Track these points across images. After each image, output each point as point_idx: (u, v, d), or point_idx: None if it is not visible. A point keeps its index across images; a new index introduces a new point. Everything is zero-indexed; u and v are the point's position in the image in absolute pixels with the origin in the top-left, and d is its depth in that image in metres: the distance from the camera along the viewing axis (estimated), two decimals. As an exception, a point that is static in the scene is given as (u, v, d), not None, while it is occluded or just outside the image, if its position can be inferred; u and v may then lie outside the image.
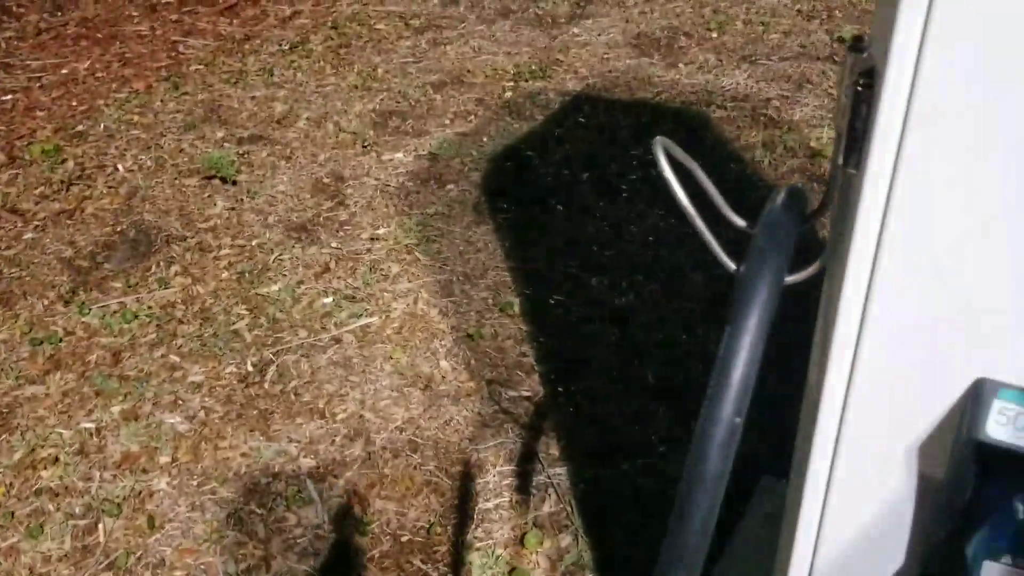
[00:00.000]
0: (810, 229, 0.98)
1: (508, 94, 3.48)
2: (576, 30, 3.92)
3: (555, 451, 2.04)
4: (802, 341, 1.12)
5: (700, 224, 0.89)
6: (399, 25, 4.06)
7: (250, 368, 2.25)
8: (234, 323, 2.39)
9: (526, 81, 3.55)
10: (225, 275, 2.56)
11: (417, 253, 2.64)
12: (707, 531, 0.84)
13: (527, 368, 2.25)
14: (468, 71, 3.65)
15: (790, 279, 0.87)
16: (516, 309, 2.43)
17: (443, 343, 2.31)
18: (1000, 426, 0.76)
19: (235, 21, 4.17)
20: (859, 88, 0.78)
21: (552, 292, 2.50)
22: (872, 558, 0.93)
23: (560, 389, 2.19)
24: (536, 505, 1.92)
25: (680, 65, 3.56)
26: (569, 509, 1.90)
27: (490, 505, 1.92)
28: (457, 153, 3.11)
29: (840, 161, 0.81)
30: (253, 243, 2.69)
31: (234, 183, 2.97)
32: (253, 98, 3.50)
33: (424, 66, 3.71)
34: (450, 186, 2.94)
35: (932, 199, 0.75)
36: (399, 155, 3.12)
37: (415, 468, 2.00)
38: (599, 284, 2.51)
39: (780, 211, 0.90)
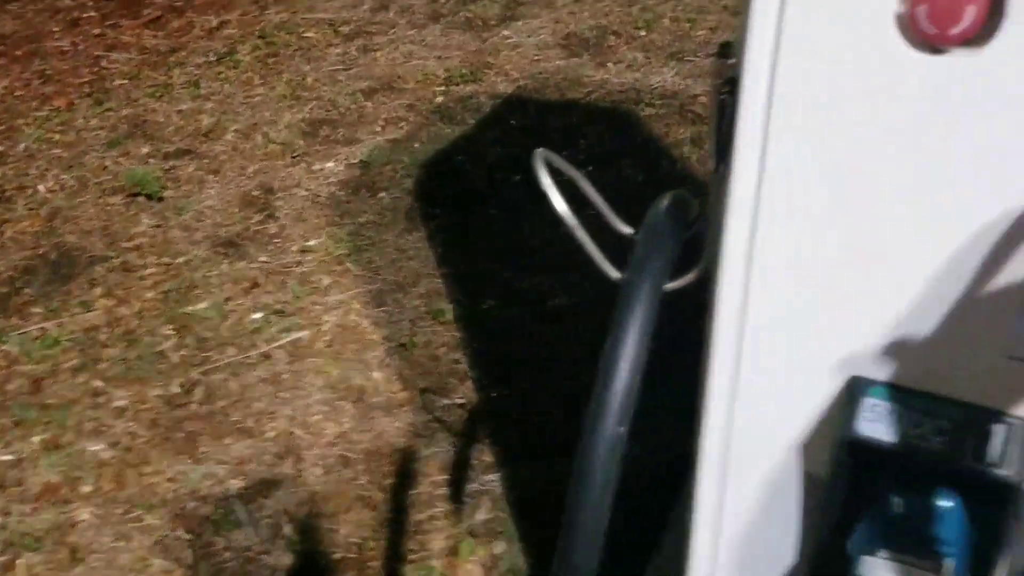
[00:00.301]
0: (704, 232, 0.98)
1: (439, 99, 3.46)
2: (506, 32, 3.91)
3: (489, 457, 2.03)
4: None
5: (581, 235, 0.88)
6: (328, 32, 4.02)
7: (176, 389, 2.21)
8: (160, 344, 2.34)
9: (457, 85, 3.53)
10: (150, 295, 2.51)
11: (348, 264, 2.61)
12: (597, 540, 0.83)
13: (461, 375, 2.24)
14: (399, 77, 3.62)
15: (671, 285, 0.87)
16: (449, 316, 2.41)
17: (375, 354, 2.29)
18: (870, 423, 0.77)
19: (160, 33, 4.10)
20: (723, 95, 0.78)
21: (486, 296, 2.48)
22: (769, 555, 0.93)
23: (494, 394, 2.18)
24: (470, 513, 1.90)
25: (609, 64, 3.57)
26: (503, 515, 1.89)
27: (424, 517, 1.91)
28: (389, 160, 3.09)
29: (711, 166, 0.81)
30: (179, 261, 2.64)
31: (160, 200, 2.91)
32: (179, 112, 3.44)
33: (354, 73, 3.68)
34: (382, 194, 2.92)
35: (797, 204, 0.75)
36: (330, 164, 3.09)
37: (347, 483, 1.97)
38: (533, 286, 2.51)
39: (662, 217, 0.90)
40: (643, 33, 3.77)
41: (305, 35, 4.02)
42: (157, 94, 3.56)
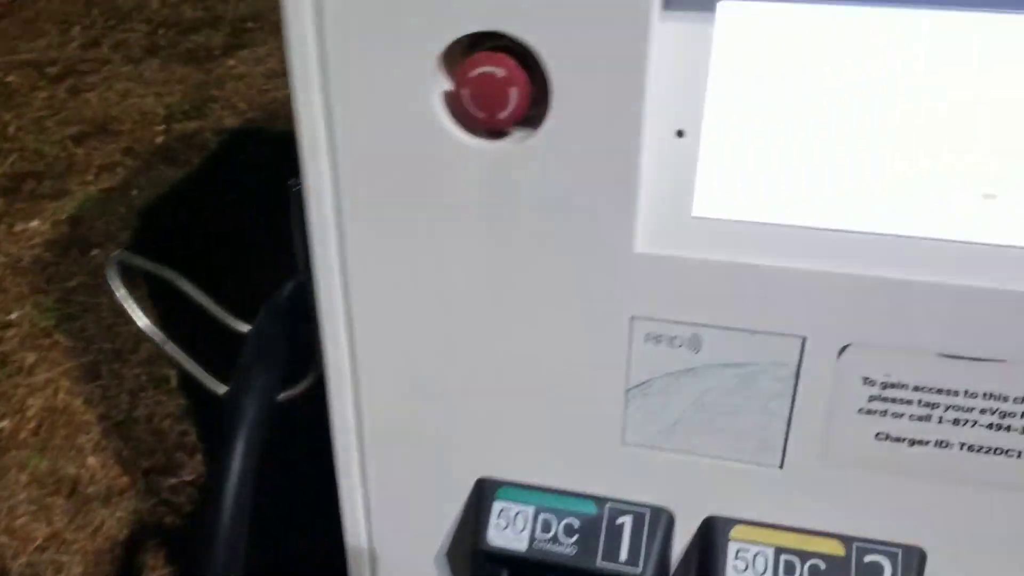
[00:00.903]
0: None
1: (160, 139, 3.22)
2: (232, 62, 3.72)
3: (224, 536, 1.88)
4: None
5: (172, 349, 0.78)
6: (33, 75, 3.66)
7: None
8: None
9: (179, 123, 3.31)
10: None
11: (57, 335, 2.36)
12: None
13: (190, 448, 2.07)
14: (114, 118, 3.35)
15: (284, 395, 0.78)
16: (175, 383, 2.23)
17: (89, 437, 2.07)
18: (500, 530, 0.71)
19: None
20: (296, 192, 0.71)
21: (216, 355, 2.31)
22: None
23: (228, 464, 2.03)
24: (203, 604, 1.75)
25: (341, 89, 3.47)
26: (240, 600, 1.75)
27: (151, 615, 1.74)
28: (103, 213, 2.83)
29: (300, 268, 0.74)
30: None
31: None
32: None
33: (63, 118, 3.36)
34: (95, 251, 2.67)
35: (388, 304, 0.69)
36: (34, 223, 2.79)
37: (59, 592, 1.76)
38: (268, 337, 2.36)
39: (272, 316, 0.81)
40: (373, 55, 3.69)
41: (6, 80, 3.64)
42: None
